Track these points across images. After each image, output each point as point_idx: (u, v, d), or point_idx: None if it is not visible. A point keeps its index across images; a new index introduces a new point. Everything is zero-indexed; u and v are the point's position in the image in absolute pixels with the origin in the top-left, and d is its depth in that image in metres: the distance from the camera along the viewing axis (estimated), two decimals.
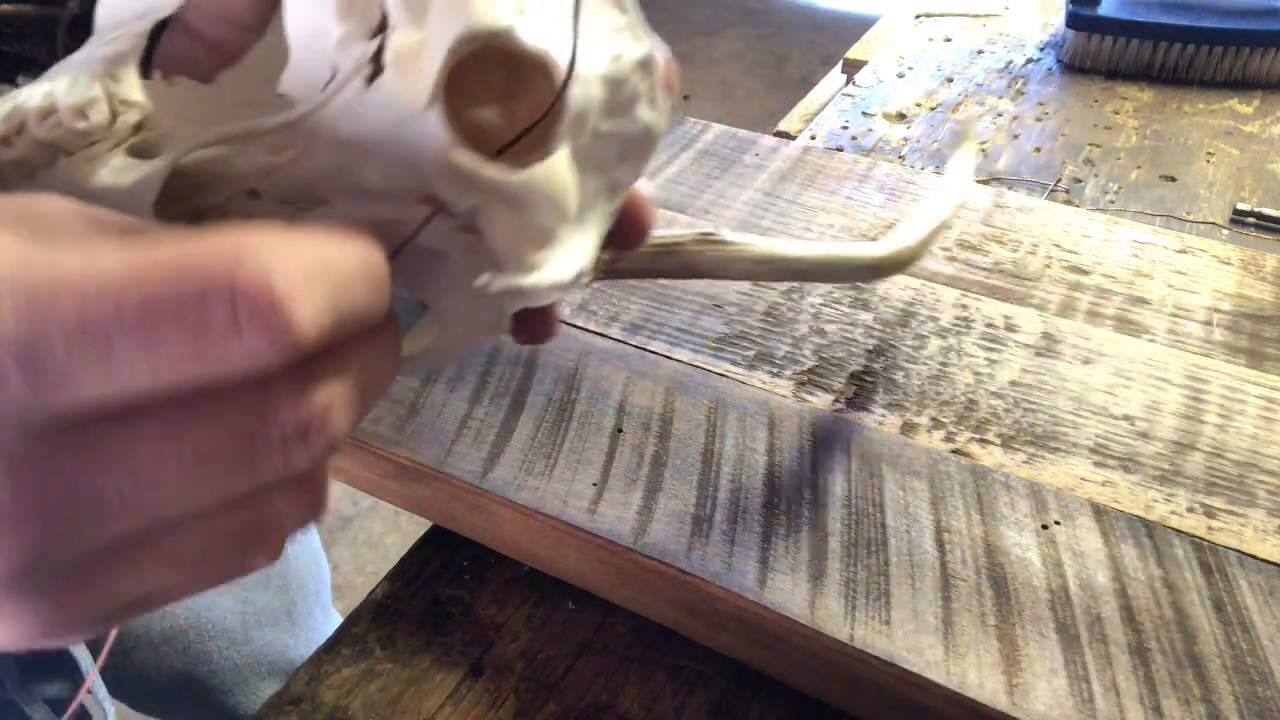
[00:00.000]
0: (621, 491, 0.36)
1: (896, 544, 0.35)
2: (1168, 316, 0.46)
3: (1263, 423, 0.40)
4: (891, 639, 0.32)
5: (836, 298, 0.47)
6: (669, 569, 0.34)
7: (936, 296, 0.47)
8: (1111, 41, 0.75)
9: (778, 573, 0.34)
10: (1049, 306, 0.47)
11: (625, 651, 0.37)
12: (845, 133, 0.67)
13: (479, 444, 0.38)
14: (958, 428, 0.40)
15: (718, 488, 0.37)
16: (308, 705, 0.35)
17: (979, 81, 0.74)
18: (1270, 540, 0.35)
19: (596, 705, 0.35)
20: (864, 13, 3.10)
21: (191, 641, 0.65)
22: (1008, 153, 0.65)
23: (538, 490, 0.36)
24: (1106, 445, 0.39)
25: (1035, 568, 0.34)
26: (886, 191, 0.55)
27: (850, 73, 0.77)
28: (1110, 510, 0.36)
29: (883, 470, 0.38)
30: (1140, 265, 0.50)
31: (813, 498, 0.36)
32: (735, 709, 0.35)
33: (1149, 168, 0.64)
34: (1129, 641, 0.32)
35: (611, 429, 0.39)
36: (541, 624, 0.38)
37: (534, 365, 0.42)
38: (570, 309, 0.45)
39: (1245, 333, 0.45)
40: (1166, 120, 0.69)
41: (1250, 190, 0.61)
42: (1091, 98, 0.72)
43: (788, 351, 0.44)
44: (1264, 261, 0.50)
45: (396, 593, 0.39)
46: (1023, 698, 0.30)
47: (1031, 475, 0.38)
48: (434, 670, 0.36)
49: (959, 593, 0.33)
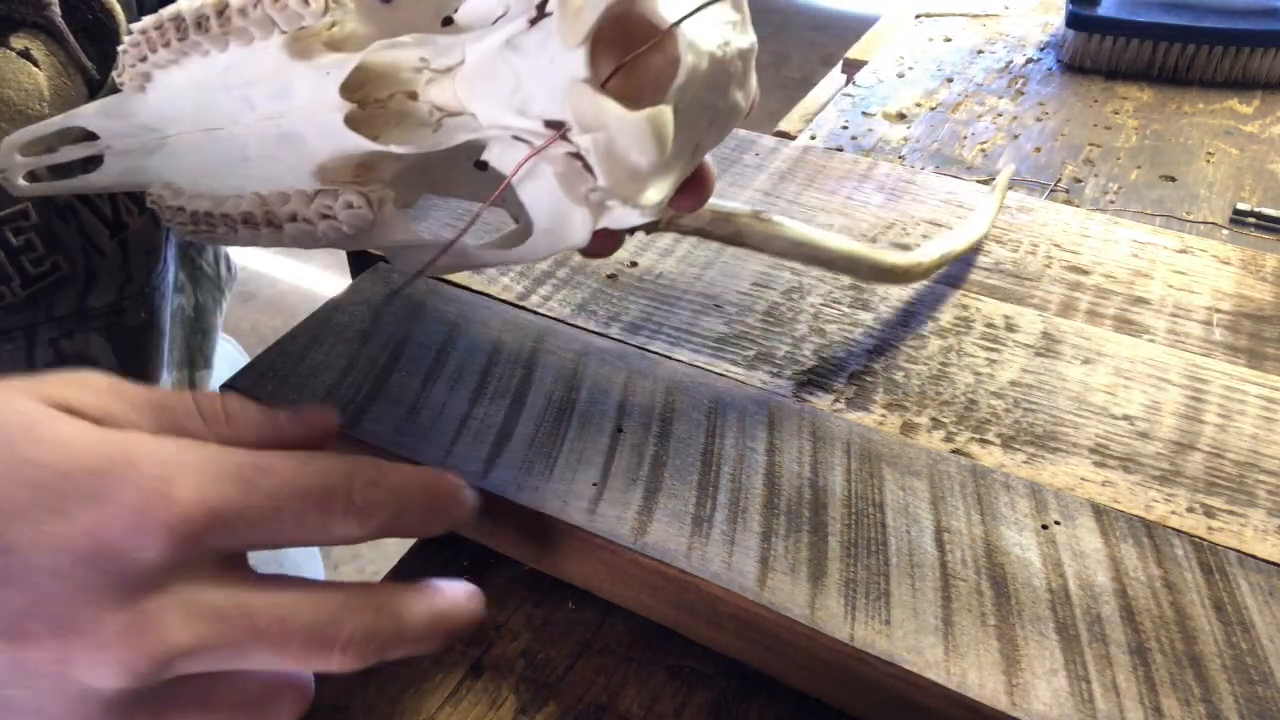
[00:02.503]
0: (621, 491, 0.36)
1: (896, 544, 0.35)
2: (1168, 316, 0.46)
3: (1263, 423, 0.40)
4: (891, 639, 0.32)
5: (837, 298, 0.47)
6: (669, 569, 0.34)
7: (936, 296, 0.47)
8: (1111, 41, 0.75)
9: (777, 573, 0.34)
10: (1049, 306, 0.47)
11: (625, 651, 0.37)
12: (845, 133, 0.67)
13: (479, 444, 0.38)
14: (958, 428, 0.40)
15: (718, 488, 0.37)
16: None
17: (979, 81, 0.74)
18: (1270, 540, 0.35)
19: (596, 705, 0.35)
20: (864, 13, 3.10)
21: None
22: (1007, 153, 0.65)
23: (538, 490, 0.36)
24: (1106, 445, 0.39)
25: (1035, 568, 0.34)
26: (886, 191, 0.55)
27: (850, 73, 0.77)
28: (1110, 510, 0.36)
29: (883, 470, 0.38)
30: (1140, 265, 0.50)
31: (813, 498, 0.36)
32: (735, 709, 0.35)
33: (1149, 168, 0.64)
34: (1129, 641, 0.32)
35: (611, 429, 0.39)
36: (541, 624, 0.38)
37: (534, 365, 0.42)
38: (570, 309, 0.46)
39: (1245, 333, 0.45)
40: (1166, 120, 0.69)
41: (1250, 190, 0.61)
42: (1091, 98, 0.72)
43: (788, 351, 0.44)
44: (1264, 261, 0.50)
45: None
46: (1023, 697, 0.30)
47: (1031, 475, 0.38)
48: (434, 670, 0.36)
49: (959, 593, 0.33)
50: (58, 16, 0.41)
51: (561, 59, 0.27)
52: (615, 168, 0.28)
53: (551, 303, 0.46)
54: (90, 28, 0.42)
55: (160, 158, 0.34)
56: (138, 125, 0.34)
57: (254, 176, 0.33)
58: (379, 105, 0.31)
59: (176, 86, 0.32)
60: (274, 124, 0.32)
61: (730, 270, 0.49)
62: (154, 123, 0.34)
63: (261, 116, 0.32)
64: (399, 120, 0.32)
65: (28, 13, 0.40)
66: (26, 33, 0.40)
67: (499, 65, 0.28)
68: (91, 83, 0.43)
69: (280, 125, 0.31)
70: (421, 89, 0.30)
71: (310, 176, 0.32)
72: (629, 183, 0.28)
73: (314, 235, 0.33)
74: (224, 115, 0.32)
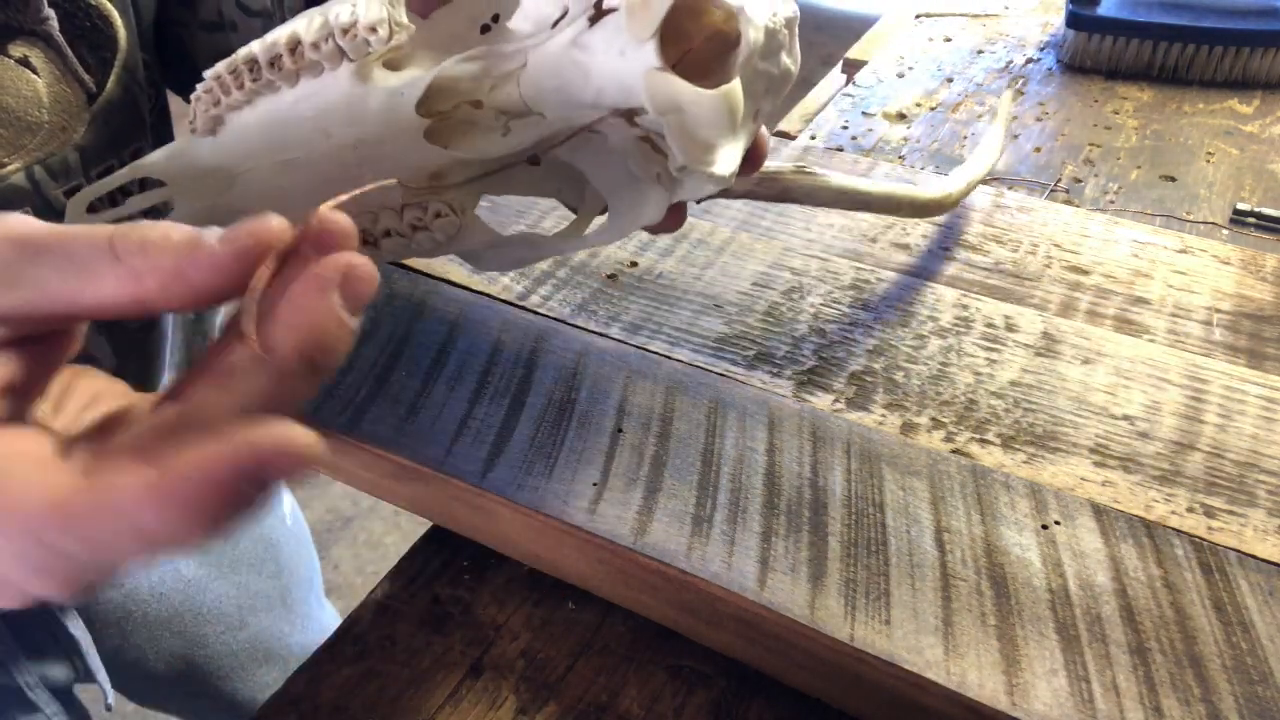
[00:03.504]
0: (621, 491, 0.36)
1: (896, 544, 0.35)
2: (1168, 316, 0.46)
3: (1263, 423, 0.40)
4: (891, 639, 0.32)
5: (836, 298, 0.47)
6: (669, 569, 0.34)
7: (936, 296, 0.47)
8: (1111, 41, 0.74)
9: (777, 573, 0.34)
10: (1049, 306, 0.47)
11: (625, 651, 0.37)
12: (845, 133, 0.67)
13: (479, 444, 0.38)
14: (958, 428, 0.40)
15: (718, 488, 0.37)
16: (307, 705, 0.35)
17: (979, 81, 0.74)
18: (1270, 540, 0.35)
19: (596, 705, 0.35)
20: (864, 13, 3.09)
21: (188, 625, 0.65)
22: (1008, 153, 0.65)
23: (538, 490, 0.36)
24: (1106, 445, 0.39)
25: (1035, 568, 0.34)
26: None
27: (850, 73, 0.77)
28: (1110, 510, 0.36)
29: (883, 470, 0.38)
30: (1140, 265, 0.50)
31: (813, 498, 0.36)
32: (735, 709, 0.35)
33: (1149, 168, 0.64)
34: (1129, 641, 0.32)
35: (611, 429, 0.39)
36: (541, 624, 0.38)
37: (534, 365, 0.42)
38: (570, 309, 0.45)
39: (1245, 333, 0.45)
40: (1166, 120, 0.69)
41: (1250, 190, 0.61)
42: (1091, 98, 0.72)
43: (788, 351, 0.44)
44: (1264, 261, 0.50)
45: (396, 593, 0.39)
46: (1023, 698, 0.30)
47: (1031, 475, 0.38)
48: (434, 670, 0.36)
49: (959, 593, 0.33)
50: (55, 30, 0.41)
51: (632, 51, 0.28)
52: (692, 145, 0.30)
53: (551, 303, 0.46)
54: (88, 35, 0.42)
55: (233, 196, 0.34)
56: (207, 168, 0.34)
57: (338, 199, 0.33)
58: (442, 117, 0.32)
59: (248, 126, 0.33)
60: (352, 148, 0.32)
61: (730, 270, 0.49)
62: (225, 162, 0.34)
63: (338, 143, 0.32)
64: (466, 129, 0.33)
65: (26, 21, 0.40)
66: (25, 40, 0.40)
67: (566, 65, 0.30)
68: (89, 91, 0.43)
69: (359, 148, 0.32)
70: (485, 96, 0.31)
71: (395, 192, 0.34)
72: (704, 155, 0.30)
73: (409, 247, 0.35)
74: (299, 145, 0.33)
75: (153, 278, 0.21)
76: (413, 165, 0.33)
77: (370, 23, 0.30)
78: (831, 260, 0.50)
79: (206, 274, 0.21)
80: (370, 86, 0.31)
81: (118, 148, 0.45)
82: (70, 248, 0.22)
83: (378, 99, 0.31)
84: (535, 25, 0.31)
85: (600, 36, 0.29)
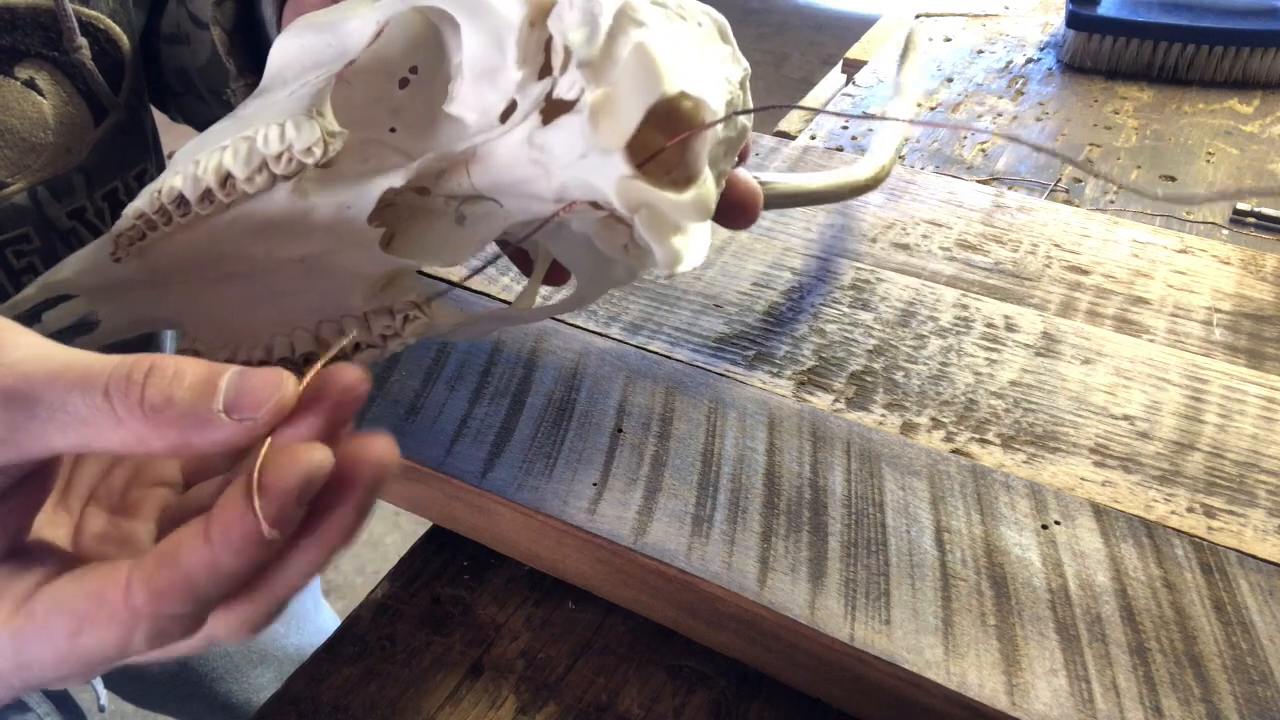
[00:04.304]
0: (621, 491, 0.36)
1: (896, 544, 0.35)
2: (1168, 316, 0.46)
3: (1263, 423, 0.40)
4: (891, 639, 0.32)
5: (836, 298, 0.47)
6: (669, 569, 0.34)
7: (936, 296, 0.47)
8: (1111, 41, 0.75)
9: (777, 573, 0.34)
10: (1049, 306, 0.47)
11: (625, 651, 0.37)
12: (845, 133, 0.67)
13: (479, 444, 0.38)
14: (958, 428, 0.40)
15: (718, 488, 0.37)
16: (308, 705, 0.35)
17: (979, 81, 0.74)
18: (1270, 540, 0.35)
19: (596, 705, 0.35)
20: (864, 13, 3.10)
21: None
22: (1008, 153, 0.65)
23: (538, 490, 0.36)
24: (1106, 445, 0.39)
25: (1035, 568, 0.34)
26: (886, 191, 0.55)
27: (850, 73, 0.77)
28: (1110, 510, 0.36)
29: (883, 470, 0.38)
30: (1140, 265, 0.50)
31: (813, 498, 0.36)
32: (735, 709, 0.35)
33: (1149, 168, 0.64)
34: (1129, 641, 0.32)
35: (611, 429, 0.39)
36: (541, 624, 0.38)
37: (534, 365, 0.42)
38: None
39: (1245, 333, 0.45)
40: (1166, 120, 0.69)
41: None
42: (1091, 98, 0.72)
43: (788, 351, 0.44)
44: (1264, 261, 0.50)
45: (396, 593, 0.39)
46: (1023, 698, 0.30)
47: (1031, 475, 0.38)
48: (434, 670, 0.36)
49: (959, 593, 0.33)
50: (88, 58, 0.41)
51: (596, 156, 0.27)
52: (661, 231, 0.29)
53: (551, 303, 0.46)
54: (98, 59, 0.43)
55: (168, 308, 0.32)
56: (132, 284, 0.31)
57: (289, 310, 0.32)
58: (390, 205, 0.30)
59: (178, 245, 0.30)
60: (299, 262, 0.30)
61: (730, 270, 0.49)
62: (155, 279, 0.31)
63: (284, 257, 0.30)
64: (411, 215, 0.31)
65: (33, 44, 0.40)
66: (32, 63, 0.40)
67: (522, 163, 0.29)
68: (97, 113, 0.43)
69: (307, 262, 0.30)
70: (432, 184, 0.30)
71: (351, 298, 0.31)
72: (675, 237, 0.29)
73: (385, 352, 0.32)
74: (238, 262, 0.31)
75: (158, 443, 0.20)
76: (368, 275, 0.31)
77: (305, 146, 0.28)
78: (831, 260, 0.50)
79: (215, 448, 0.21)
80: (311, 201, 0.29)
81: (123, 169, 0.45)
82: (64, 400, 0.20)
83: (324, 214, 0.29)
84: (480, 114, 0.29)
85: (559, 138, 0.28)
